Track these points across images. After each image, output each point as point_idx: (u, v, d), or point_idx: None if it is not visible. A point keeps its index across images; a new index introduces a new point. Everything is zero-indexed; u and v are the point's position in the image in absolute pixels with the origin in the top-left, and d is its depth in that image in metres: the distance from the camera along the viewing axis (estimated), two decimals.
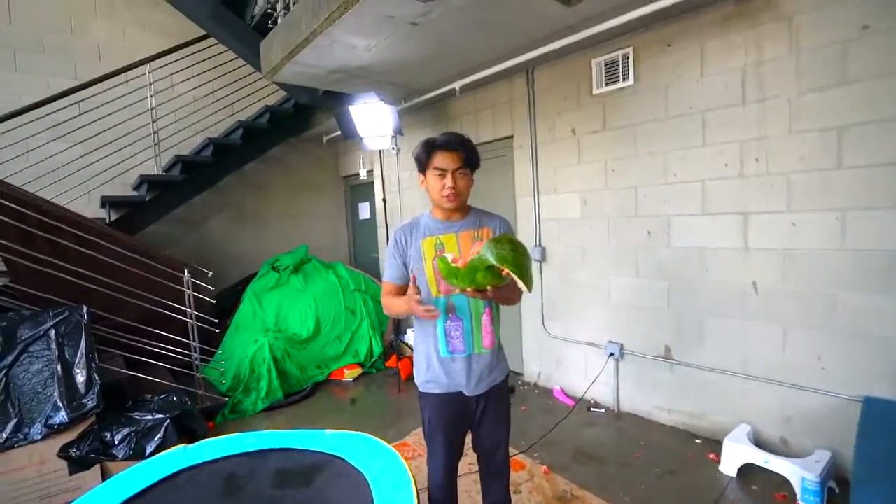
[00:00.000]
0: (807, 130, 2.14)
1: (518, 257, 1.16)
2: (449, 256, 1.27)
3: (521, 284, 1.15)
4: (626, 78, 2.78)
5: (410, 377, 4.10)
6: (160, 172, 4.18)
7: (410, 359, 4.06)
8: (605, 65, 2.87)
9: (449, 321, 1.48)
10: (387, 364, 4.19)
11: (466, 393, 1.50)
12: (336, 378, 3.98)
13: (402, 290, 1.51)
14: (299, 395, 3.63)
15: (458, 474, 1.63)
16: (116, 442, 2.45)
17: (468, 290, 1.25)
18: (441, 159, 1.42)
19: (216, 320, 3.19)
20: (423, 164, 1.47)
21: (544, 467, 2.44)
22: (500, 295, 1.31)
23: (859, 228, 2.04)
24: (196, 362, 3.07)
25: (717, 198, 2.48)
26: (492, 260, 1.14)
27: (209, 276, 3.34)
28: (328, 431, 1.63)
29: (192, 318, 3.06)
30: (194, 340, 3.07)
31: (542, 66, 3.26)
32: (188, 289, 3.04)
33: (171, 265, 3.14)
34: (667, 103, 2.62)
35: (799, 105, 2.16)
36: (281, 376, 3.60)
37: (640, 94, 2.74)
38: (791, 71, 2.16)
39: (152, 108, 3.99)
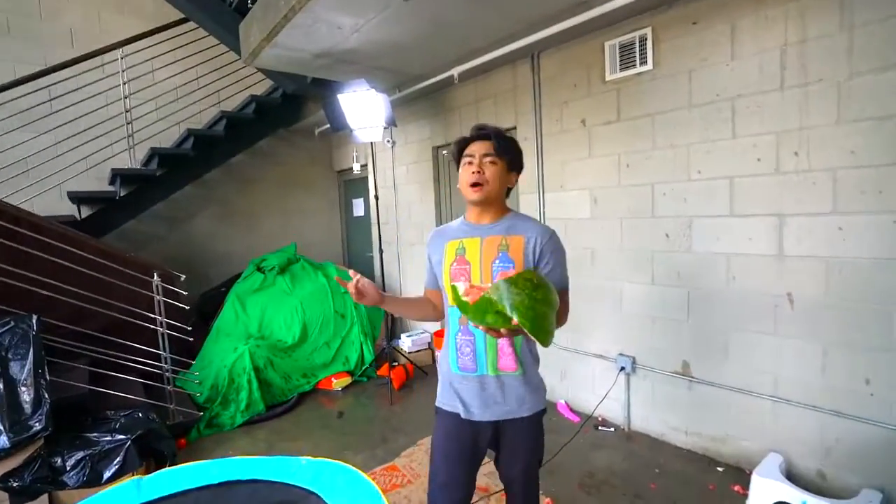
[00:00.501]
0: (859, 119, 1.84)
1: (536, 306, 0.97)
2: (461, 287, 1.10)
3: (533, 339, 1.00)
4: (643, 62, 2.47)
5: (404, 386, 3.85)
6: (135, 166, 3.89)
7: (404, 367, 3.79)
8: (620, 47, 2.56)
9: (460, 334, 1.34)
10: (378, 372, 3.92)
11: (478, 418, 1.34)
12: (323, 388, 3.70)
13: (435, 296, 1.47)
14: (283, 406, 3.37)
15: None
16: (68, 468, 2.18)
17: (480, 326, 1.09)
18: (471, 147, 1.34)
19: (189, 328, 2.91)
20: (457, 161, 1.39)
21: (548, 500, 2.17)
22: (518, 335, 1.18)
23: None
24: (167, 374, 2.80)
25: (747, 197, 2.18)
26: (503, 305, 0.97)
27: (182, 279, 3.06)
28: (304, 460, 1.44)
29: (162, 327, 2.78)
30: (165, 350, 2.80)
31: (548, 51, 2.96)
32: (158, 294, 2.76)
33: (139, 268, 2.86)
34: (690, 90, 2.32)
35: (850, 90, 1.86)
36: (263, 387, 3.34)
37: (659, 79, 2.44)
38: (841, 50, 1.86)
39: (126, 97, 3.70)
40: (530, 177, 3.15)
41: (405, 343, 4.16)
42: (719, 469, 2.34)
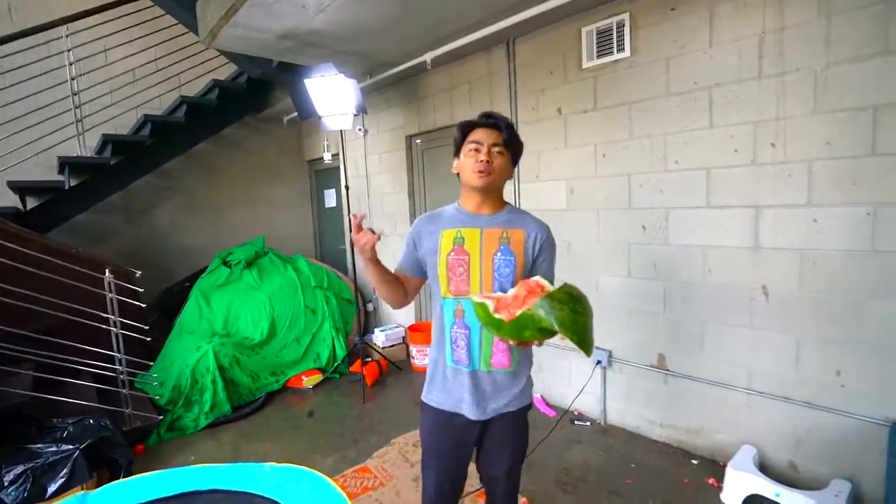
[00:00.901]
0: (836, 110, 1.82)
1: (579, 319, 0.99)
2: (490, 303, 1.06)
3: (581, 351, 1.00)
4: (620, 49, 2.40)
5: (377, 383, 3.75)
6: (85, 154, 3.62)
7: (377, 363, 3.69)
8: (598, 33, 2.48)
9: (455, 327, 1.30)
10: (351, 369, 3.80)
11: (468, 416, 1.30)
12: (293, 386, 3.57)
13: (409, 282, 1.40)
14: (250, 407, 3.22)
15: None
16: (6, 483, 2.00)
17: (510, 341, 1.11)
18: (478, 133, 1.28)
19: (147, 327, 2.73)
20: (458, 146, 1.32)
21: (524, 499, 2.12)
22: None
23: (894, 227, 1.74)
24: (122, 377, 2.62)
25: (724, 188, 2.15)
26: (550, 323, 0.97)
27: (137, 275, 2.87)
28: (268, 466, 1.34)
29: (116, 326, 2.59)
30: (120, 351, 2.61)
31: (524, 37, 2.86)
32: (111, 292, 2.57)
33: (90, 265, 2.65)
34: (668, 78, 2.27)
35: (827, 79, 1.82)
36: (229, 387, 3.18)
37: (637, 67, 2.37)
38: (820, 38, 1.82)
39: (73, 78, 3.43)
40: None
41: (378, 338, 4.06)
42: (694, 462, 2.34)
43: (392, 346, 4.05)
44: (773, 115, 1.97)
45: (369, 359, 3.79)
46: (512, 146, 1.29)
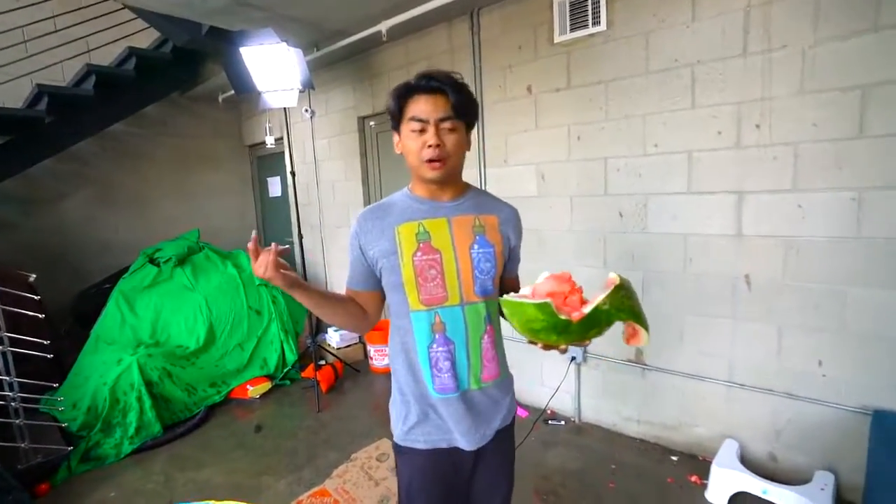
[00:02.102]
0: (823, 90, 1.73)
1: (640, 307, 0.89)
2: (550, 300, 0.84)
3: (644, 340, 0.87)
4: (596, 22, 2.22)
5: (332, 388, 3.44)
6: None
7: (332, 366, 3.38)
8: (571, 5, 2.29)
9: (435, 345, 1.02)
10: (303, 374, 3.47)
11: (464, 447, 1.06)
12: (238, 397, 3.19)
13: (364, 301, 1.10)
14: (186, 425, 2.82)
15: None
16: None
17: (561, 346, 0.91)
18: (418, 106, 0.98)
19: (46, 341, 2.26)
20: (396, 119, 1.03)
21: None
22: None
23: (879, 212, 1.68)
24: (13, 404, 2.15)
25: (706, 173, 2.04)
26: (628, 314, 0.85)
27: (32, 279, 2.37)
28: None
29: (2, 344, 2.11)
30: (10, 374, 2.14)
31: (490, 7, 2.62)
32: None
33: None
34: (647, 55, 2.11)
35: (815, 57, 1.73)
36: (159, 404, 2.76)
37: (613, 42, 2.21)
38: (808, 13, 1.72)
39: None
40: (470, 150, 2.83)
41: (333, 338, 3.73)
42: (674, 458, 2.26)
43: (348, 346, 3.74)
44: (759, 95, 1.86)
45: (323, 362, 3.46)
46: (466, 114, 1.01)
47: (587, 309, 0.83)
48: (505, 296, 0.90)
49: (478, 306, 1.04)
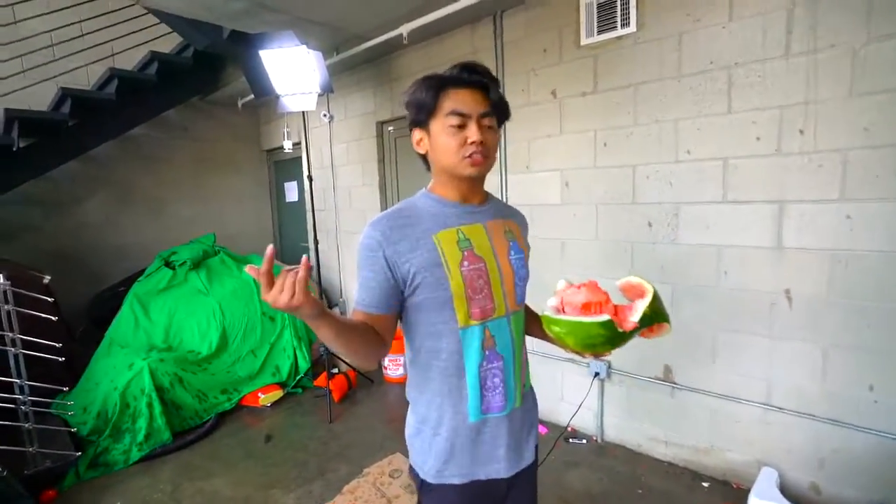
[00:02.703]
0: (876, 91, 1.61)
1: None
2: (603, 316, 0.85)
3: (668, 329, 0.91)
4: (625, 23, 2.14)
5: (345, 398, 3.36)
6: None
7: (345, 375, 3.30)
8: (599, 6, 2.21)
9: (485, 363, 0.93)
10: (315, 382, 3.39)
11: (502, 475, 0.97)
12: (248, 404, 3.13)
13: (381, 325, 0.90)
14: (196, 432, 2.76)
15: None
16: None
17: (607, 354, 0.91)
18: (459, 100, 0.88)
19: (59, 344, 2.23)
20: (426, 112, 0.91)
21: None
22: None
23: None
24: (24, 408, 2.12)
25: (743, 181, 1.92)
26: (664, 318, 0.90)
27: (46, 281, 2.35)
28: None
29: (15, 346, 2.08)
30: (21, 376, 2.11)
31: (514, 10, 2.55)
32: (7, 303, 2.06)
33: None
34: (680, 57, 2.01)
35: (867, 57, 1.61)
36: (169, 410, 2.71)
37: (643, 44, 2.11)
38: (859, 10, 1.61)
39: None
40: None
41: None
42: (704, 485, 2.11)
43: None
44: (803, 99, 1.74)
45: (336, 370, 3.39)
46: (503, 112, 0.95)
47: (635, 318, 0.85)
48: (548, 311, 0.87)
49: (519, 314, 1.00)
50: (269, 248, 0.71)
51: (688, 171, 2.05)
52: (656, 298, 0.89)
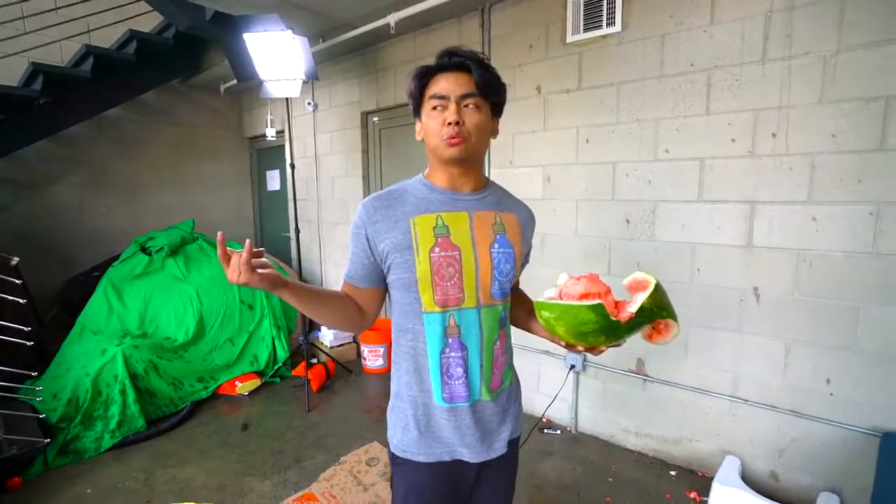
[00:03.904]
0: (844, 99, 1.68)
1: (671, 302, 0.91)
2: (602, 302, 0.82)
3: (676, 331, 0.87)
4: (611, 23, 2.17)
5: (324, 388, 3.36)
6: None
7: (324, 365, 3.30)
8: (585, 4, 2.24)
9: (447, 350, 0.94)
10: (294, 372, 3.38)
11: (469, 459, 0.98)
12: (225, 393, 3.10)
13: (363, 297, 0.99)
14: (170, 420, 2.73)
15: None
16: None
17: (602, 348, 0.88)
18: (440, 83, 0.91)
19: (27, 328, 2.17)
20: (417, 101, 0.96)
21: None
22: None
23: None
24: None
25: (718, 181, 1.98)
26: (668, 312, 0.86)
27: (14, 262, 2.29)
28: None
29: None
30: None
31: (502, 4, 2.56)
32: None
33: None
34: (662, 57, 2.06)
35: (837, 66, 1.68)
36: (143, 397, 2.67)
37: (627, 44, 2.15)
38: (832, 20, 1.67)
39: None
40: None
41: (326, 336, 3.65)
42: (672, 473, 2.19)
43: (341, 345, 3.66)
44: (776, 103, 1.81)
45: (315, 360, 3.39)
46: (492, 93, 0.94)
47: (633, 308, 0.81)
48: (543, 298, 0.85)
49: (495, 309, 0.97)
50: (248, 242, 0.82)
51: (666, 169, 2.11)
52: (658, 290, 0.84)
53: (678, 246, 2.12)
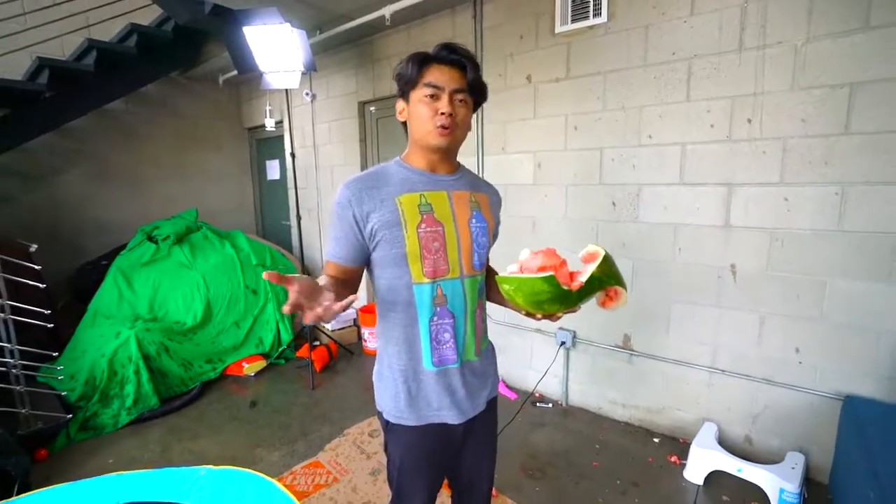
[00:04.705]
0: (813, 87, 1.79)
1: (620, 273, 0.96)
2: (553, 273, 0.89)
3: (624, 298, 0.93)
4: (597, 13, 2.26)
5: (327, 368, 3.51)
6: None
7: (326, 346, 3.44)
8: None
9: (436, 318, 1.04)
10: (298, 354, 3.52)
11: (453, 421, 1.08)
12: (233, 373, 3.24)
13: (349, 275, 1.04)
14: (182, 399, 2.87)
15: None
16: None
17: (559, 314, 0.93)
18: (436, 74, 0.99)
19: (48, 311, 2.29)
20: (409, 83, 1.02)
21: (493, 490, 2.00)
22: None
23: (861, 207, 1.75)
24: (14, 371, 2.19)
25: (698, 165, 2.10)
26: (616, 280, 0.92)
27: (33, 249, 2.40)
28: (203, 469, 1.16)
29: (3, 311, 2.14)
30: (11, 341, 2.17)
31: None
32: None
33: None
34: (646, 47, 2.16)
35: (807, 54, 1.79)
36: (156, 377, 2.81)
37: (613, 34, 2.25)
38: (802, 10, 1.78)
39: None
40: (468, 137, 2.87)
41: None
42: (655, 440, 2.35)
43: (342, 328, 3.80)
44: (752, 90, 1.92)
45: (318, 343, 3.52)
46: (479, 93, 1.04)
47: (583, 278, 0.87)
48: (504, 273, 0.92)
49: (475, 279, 1.07)
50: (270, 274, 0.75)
51: (649, 154, 2.22)
52: (606, 261, 0.90)
53: (661, 227, 2.24)
